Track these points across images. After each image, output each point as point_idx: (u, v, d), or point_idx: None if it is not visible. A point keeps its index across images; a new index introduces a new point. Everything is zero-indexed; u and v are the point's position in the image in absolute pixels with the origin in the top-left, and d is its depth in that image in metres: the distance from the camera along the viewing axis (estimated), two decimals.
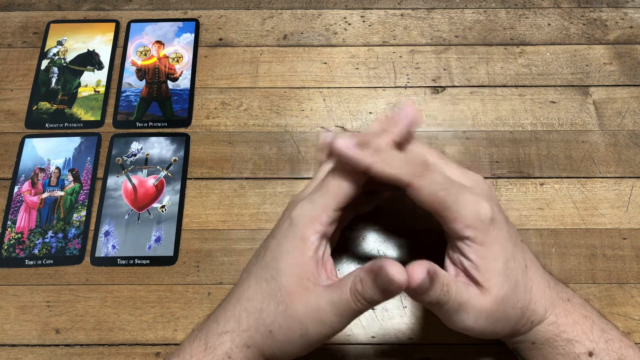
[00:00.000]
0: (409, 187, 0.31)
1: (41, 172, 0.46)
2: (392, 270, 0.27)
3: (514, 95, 0.49)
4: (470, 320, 0.31)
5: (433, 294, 0.29)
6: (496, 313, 0.31)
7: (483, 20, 0.53)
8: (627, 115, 0.48)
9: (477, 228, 0.31)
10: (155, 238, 0.43)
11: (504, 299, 0.31)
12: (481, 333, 0.32)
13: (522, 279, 0.32)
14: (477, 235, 0.31)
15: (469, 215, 0.31)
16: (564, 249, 0.42)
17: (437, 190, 0.31)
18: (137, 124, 0.48)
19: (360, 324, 0.40)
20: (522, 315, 0.32)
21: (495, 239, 0.31)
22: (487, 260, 0.31)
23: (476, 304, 0.31)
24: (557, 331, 0.32)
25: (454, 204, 0.31)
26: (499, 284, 0.31)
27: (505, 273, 0.31)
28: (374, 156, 0.31)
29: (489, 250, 0.31)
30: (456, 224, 0.31)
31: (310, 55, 0.51)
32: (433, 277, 0.29)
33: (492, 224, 0.31)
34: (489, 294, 0.31)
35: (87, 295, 0.41)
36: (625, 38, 0.51)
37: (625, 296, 0.41)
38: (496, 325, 0.32)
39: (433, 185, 0.31)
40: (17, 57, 0.51)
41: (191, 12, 0.53)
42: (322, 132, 0.33)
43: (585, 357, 0.32)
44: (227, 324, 0.32)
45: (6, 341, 0.40)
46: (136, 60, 0.51)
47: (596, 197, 0.44)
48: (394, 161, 0.31)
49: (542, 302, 0.33)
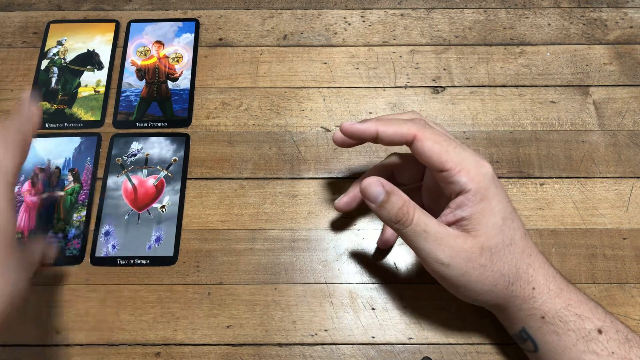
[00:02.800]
0: (415, 140, 0.33)
1: (41, 172, 0.46)
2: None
3: (514, 95, 0.49)
4: (444, 254, 0.32)
5: (390, 208, 0.32)
6: (480, 259, 0.32)
7: (483, 20, 0.53)
8: (627, 115, 0.48)
9: (479, 182, 0.32)
10: (155, 238, 0.43)
11: (493, 249, 0.32)
12: (463, 277, 0.32)
13: (520, 240, 0.33)
14: (479, 188, 0.32)
15: (472, 169, 0.32)
16: (564, 249, 0.42)
17: (440, 141, 0.33)
18: (137, 124, 0.48)
19: (360, 324, 0.40)
20: (519, 276, 0.33)
21: (496, 195, 0.33)
22: (484, 213, 0.32)
23: (451, 241, 0.32)
24: (564, 304, 0.33)
25: (457, 156, 0.33)
26: (491, 234, 0.32)
27: (501, 228, 0.32)
28: (379, 122, 0.35)
29: (488, 204, 0.32)
30: (460, 176, 0.32)
31: (310, 55, 0.51)
32: (390, 191, 0.32)
33: (493, 181, 0.33)
34: (475, 239, 0.32)
35: (87, 295, 0.41)
36: (625, 38, 0.51)
37: (625, 296, 0.41)
38: (483, 273, 0.32)
39: (436, 137, 0.33)
40: (17, 57, 0.51)
41: (191, 12, 0.53)
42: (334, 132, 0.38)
43: (596, 333, 0.32)
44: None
45: (6, 341, 0.40)
46: (136, 60, 0.51)
47: (596, 197, 0.44)
48: (398, 122, 0.34)
49: (542, 271, 0.33)
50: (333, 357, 0.39)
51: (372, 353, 0.39)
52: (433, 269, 0.33)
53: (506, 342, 0.39)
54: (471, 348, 0.39)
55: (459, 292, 0.34)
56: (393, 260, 0.42)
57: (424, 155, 0.33)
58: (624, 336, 0.32)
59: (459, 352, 0.39)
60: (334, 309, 0.40)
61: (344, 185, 0.45)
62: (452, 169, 0.32)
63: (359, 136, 0.35)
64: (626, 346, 0.32)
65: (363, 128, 0.35)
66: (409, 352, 0.39)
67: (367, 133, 0.35)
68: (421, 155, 0.33)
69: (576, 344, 0.32)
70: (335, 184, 0.45)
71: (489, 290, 0.33)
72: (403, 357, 0.39)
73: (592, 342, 0.32)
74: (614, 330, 0.32)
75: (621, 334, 0.32)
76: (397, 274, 0.42)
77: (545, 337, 0.33)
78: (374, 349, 0.39)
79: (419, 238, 0.32)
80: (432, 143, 0.33)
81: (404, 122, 0.34)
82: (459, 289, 0.34)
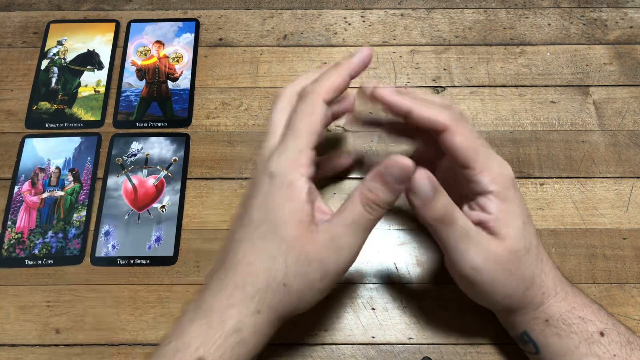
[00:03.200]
0: (446, 130, 0.32)
1: (41, 172, 0.46)
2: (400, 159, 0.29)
3: (514, 95, 0.49)
4: (480, 258, 0.31)
5: (437, 206, 0.30)
6: (508, 263, 0.31)
7: (483, 20, 0.53)
8: (627, 115, 0.48)
9: (501, 184, 0.32)
10: (155, 238, 0.43)
11: (518, 253, 0.32)
12: (492, 283, 0.31)
13: (535, 246, 0.33)
14: (501, 190, 0.32)
15: (496, 170, 0.32)
16: (564, 249, 0.42)
17: (473, 138, 0.32)
18: (137, 124, 0.48)
19: (360, 324, 0.40)
20: (534, 282, 0.32)
21: (515, 198, 0.32)
22: (507, 214, 0.32)
23: (486, 244, 0.31)
24: (569, 307, 0.33)
25: (484, 156, 0.32)
26: (516, 238, 0.32)
27: (523, 232, 0.32)
28: (414, 101, 0.32)
29: (510, 206, 0.32)
30: (483, 176, 0.32)
31: (310, 55, 0.51)
32: (436, 187, 0.30)
33: (513, 184, 0.33)
34: (503, 242, 0.31)
35: (87, 295, 0.41)
36: (625, 38, 0.51)
37: (625, 296, 0.41)
38: (509, 279, 0.32)
39: (469, 132, 0.32)
40: (17, 57, 0.51)
41: (191, 12, 0.53)
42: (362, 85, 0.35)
43: (598, 336, 0.32)
44: (230, 297, 0.30)
45: (6, 341, 0.40)
46: (136, 60, 0.51)
47: (596, 197, 0.44)
48: (433, 105, 0.32)
49: (551, 275, 0.33)
50: (333, 357, 0.39)
51: (372, 353, 0.39)
52: (465, 274, 0.32)
53: (506, 342, 0.39)
54: (471, 348, 0.39)
55: (480, 297, 0.33)
56: (393, 260, 0.42)
57: (452, 149, 0.32)
58: (625, 339, 0.32)
59: (459, 352, 0.39)
60: (334, 309, 0.40)
61: (344, 185, 0.45)
62: (476, 168, 0.32)
63: (389, 108, 0.33)
64: (628, 349, 0.31)
65: (397, 102, 0.32)
66: (409, 352, 0.39)
67: (399, 108, 0.32)
68: (449, 147, 0.32)
69: (578, 346, 0.32)
70: (336, 184, 0.45)
71: (510, 294, 0.32)
72: (403, 357, 0.39)
73: (594, 344, 0.32)
74: (615, 333, 0.32)
75: (623, 337, 0.32)
76: (397, 274, 0.42)
77: (547, 340, 0.33)
78: (374, 349, 0.39)
79: (459, 240, 0.31)
80: (463, 138, 0.32)
81: (440, 110, 0.32)
82: (483, 295, 0.33)
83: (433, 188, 0.30)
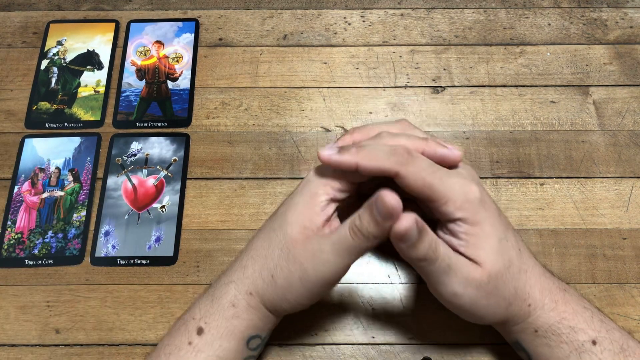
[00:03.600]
0: (396, 176, 0.31)
1: (41, 172, 0.46)
2: (387, 197, 0.29)
3: (514, 95, 0.49)
4: (460, 287, 0.31)
5: (422, 247, 0.30)
6: (488, 286, 0.31)
7: (483, 20, 0.53)
8: (627, 115, 0.48)
9: (467, 209, 0.31)
10: (155, 238, 0.43)
11: (497, 275, 0.32)
12: (473, 306, 0.32)
13: (516, 259, 0.33)
14: (467, 215, 0.31)
15: (459, 197, 0.31)
16: (564, 249, 0.42)
17: (424, 176, 0.31)
18: (137, 124, 0.48)
19: (360, 324, 0.40)
20: (517, 296, 0.32)
21: (486, 219, 0.32)
22: (479, 238, 0.32)
23: (465, 271, 0.31)
24: (558, 317, 0.32)
25: (442, 187, 0.31)
26: (492, 260, 0.32)
27: (499, 251, 0.32)
28: (359, 154, 0.31)
29: (481, 229, 0.32)
30: (447, 207, 0.31)
31: (310, 55, 0.51)
32: (422, 229, 0.30)
33: (481, 204, 0.32)
34: (481, 267, 0.31)
35: (87, 295, 0.41)
36: (625, 38, 0.51)
37: (625, 296, 0.41)
38: (489, 300, 0.32)
39: (419, 172, 0.31)
40: (17, 57, 0.51)
41: (191, 12, 0.53)
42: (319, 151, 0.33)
43: (589, 345, 0.32)
44: (233, 274, 0.34)
45: (6, 341, 0.40)
46: (136, 60, 0.51)
47: (596, 197, 0.44)
48: (378, 154, 0.31)
49: (538, 286, 0.33)
50: (333, 357, 0.39)
51: (372, 353, 0.39)
52: (446, 300, 0.32)
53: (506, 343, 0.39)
54: (471, 348, 0.39)
55: (465, 316, 0.34)
56: (393, 260, 0.42)
57: (408, 189, 0.32)
58: (619, 346, 0.32)
59: (459, 352, 0.39)
60: (334, 309, 0.40)
61: None
62: (438, 200, 0.31)
63: (336, 167, 0.32)
64: (621, 356, 0.31)
65: (341, 160, 0.31)
66: (409, 352, 0.39)
67: (346, 166, 0.31)
68: (406, 188, 0.32)
69: (569, 355, 0.32)
70: None
71: (492, 313, 0.33)
72: (403, 357, 0.39)
73: (585, 353, 0.32)
74: (608, 341, 0.32)
75: (616, 344, 0.32)
76: (397, 274, 0.42)
77: (537, 350, 0.33)
78: (374, 349, 0.39)
79: (442, 274, 0.31)
80: (413, 179, 0.31)
81: (385, 156, 0.31)
82: (464, 316, 0.34)
83: (419, 231, 0.30)
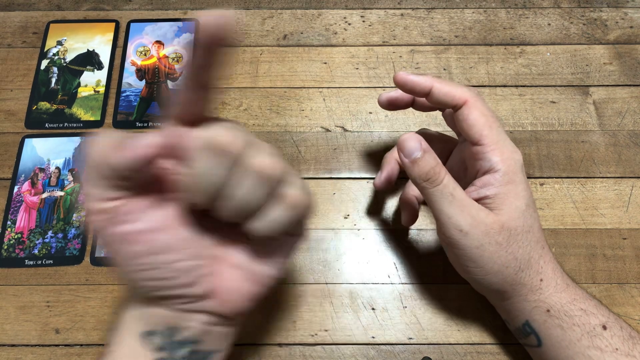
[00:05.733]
0: (464, 105, 0.33)
1: (41, 172, 0.46)
2: None
3: (514, 95, 0.49)
4: (465, 222, 0.32)
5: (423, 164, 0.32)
6: (498, 236, 0.32)
7: (483, 20, 0.53)
8: (627, 115, 0.48)
9: (510, 166, 0.33)
10: None
11: (513, 231, 0.32)
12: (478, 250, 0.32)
13: (537, 231, 0.34)
14: (507, 171, 0.33)
15: (507, 152, 0.33)
16: (564, 249, 0.42)
17: (488, 115, 0.33)
18: (137, 124, 0.48)
19: (360, 324, 0.40)
20: (530, 265, 0.33)
21: (521, 182, 0.33)
22: (509, 195, 0.33)
23: (475, 211, 0.32)
24: (570, 298, 0.33)
25: (497, 136, 0.33)
26: (513, 216, 0.32)
27: (524, 213, 0.33)
28: (434, 79, 0.35)
29: (514, 188, 0.33)
30: (493, 155, 0.33)
31: (310, 55, 0.51)
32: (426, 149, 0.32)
33: (521, 169, 0.33)
34: (497, 216, 0.32)
35: (87, 295, 0.41)
36: (625, 38, 0.51)
37: (625, 296, 0.41)
38: (499, 252, 0.32)
39: (486, 110, 0.34)
40: (17, 57, 0.51)
41: (191, 12, 0.53)
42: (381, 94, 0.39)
43: (600, 329, 0.32)
44: None
45: (6, 341, 0.40)
46: (136, 60, 0.51)
47: (596, 197, 0.44)
48: (453, 84, 0.35)
49: (551, 265, 0.34)
50: (333, 357, 0.39)
51: (372, 353, 0.39)
52: (450, 235, 0.32)
53: (506, 342, 0.39)
54: (471, 348, 0.39)
55: (468, 268, 0.33)
56: (393, 260, 0.42)
57: (467, 123, 0.33)
58: (627, 333, 0.32)
59: (459, 352, 0.39)
60: (334, 309, 0.40)
61: (344, 185, 0.45)
62: (488, 144, 0.33)
63: (411, 88, 0.35)
64: (630, 343, 0.32)
65: (418, 80, 0.35)
66: (409, 352, 0.39)
67: (421, 86, 0.35)
68: (464, 122, 0.34)
69: (580, 339, 0.32)
70: (335, 184, 0.45)
71: (499, 271, 0.32)
72: (403, 357, 0.39)
73: (596, 337, 0.32)
74: (618, 327, 0.32)
75: (625, 331, 0.32)
76: (398, 274, 0.42)
77: (549, 331, 0.33)
78: (374, 349, 0.39)
79: (445, 200, 0.32)
80: (479, 114, 0.33)
81: (458, 86, 0.34)
82: (468, 263, 0.33)
83: (422, 150, 0.32)
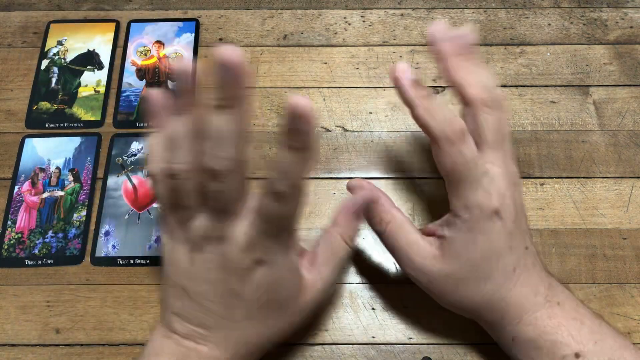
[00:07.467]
0: (438, 147, 0.32)
1: (41, 172, 0.46)
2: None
3: (514, 95, 0.49)
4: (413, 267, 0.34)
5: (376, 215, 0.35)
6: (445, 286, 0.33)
7: (483, 20, 0.53)
8: (627, 115, 0.48)
9: (472, 214, 0.31)
10: (155, 238, 0.43)
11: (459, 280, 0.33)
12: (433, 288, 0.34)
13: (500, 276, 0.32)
14: (468, 219, 0.31)
15: (473, 200, 0.31)
16: (564, 249, 0.42)
17: (460, 163, 0.31)
18: (138, 124, 0.48)
19: (360, 324, 0.40)
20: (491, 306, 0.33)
21: (486, 232, 0.31)
22: (462, 245, 0.32)
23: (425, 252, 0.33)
24: (536, 333, 0.32)
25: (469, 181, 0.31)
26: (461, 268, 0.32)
27: (478, 266, 0.32)
28: (423, 100, 0.32)
29: (471, 237, 0.31)
30: (458, 201, 0.32)
31: (310, 55, 0.51)
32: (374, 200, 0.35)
33: (491, 218, 0.31)
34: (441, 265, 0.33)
35: (87, 295, 0.41)
36: (626, 38, 0.51)
37: (625, 296, 0.41)
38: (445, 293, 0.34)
39: (458, 157, 0.31)
40: (17, 57, 0.51)
41: (191, 12, 0.53)
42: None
43: (572, 358, 0.31)
44: None
45: (6, 341, 0.40)
46: (136, 60, 0.51)
47: (596, 197, 0.44)
48: (438, 114, 0.31)
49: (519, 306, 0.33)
50: (333, 357, 0.39)
51: (372, 353, 0.39)
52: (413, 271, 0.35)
53: None
54: (471, 348, 0.39)
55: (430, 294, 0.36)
56: (393, 260, 0.42)
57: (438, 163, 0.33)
58: (606, 358, 0.31)
59: (459, 352, 0.39)
60: (334, 309, 0.40)
61: (344, 185, 0.45)
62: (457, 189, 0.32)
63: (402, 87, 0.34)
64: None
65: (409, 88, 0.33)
66: (409, 352, 0.39)
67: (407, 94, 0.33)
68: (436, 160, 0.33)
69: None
70: (335, 184, 0.45)
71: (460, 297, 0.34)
72: (403, 357, 0.39)
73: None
74: (592, 354, 0.31)
75: (603, 356, 0.31)
76: (398, 274, 0.42)
77: (517, 357, 0.33)
78: (374, 349, 0.39)
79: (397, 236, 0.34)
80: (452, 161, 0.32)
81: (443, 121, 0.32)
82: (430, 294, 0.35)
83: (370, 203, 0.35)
